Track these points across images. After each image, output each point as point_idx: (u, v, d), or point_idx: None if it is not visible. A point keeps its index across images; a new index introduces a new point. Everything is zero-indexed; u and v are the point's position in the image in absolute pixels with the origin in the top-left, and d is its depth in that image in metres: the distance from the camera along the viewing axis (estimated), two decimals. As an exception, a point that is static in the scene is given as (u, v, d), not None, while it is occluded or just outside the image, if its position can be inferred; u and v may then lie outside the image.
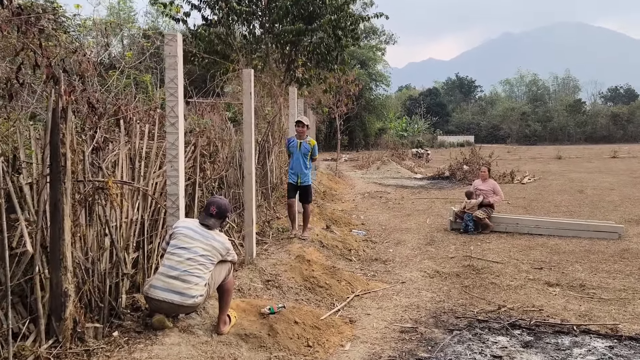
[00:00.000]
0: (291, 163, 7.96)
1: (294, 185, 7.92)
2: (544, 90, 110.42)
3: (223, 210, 4.31)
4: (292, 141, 7.95)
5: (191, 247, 4.06)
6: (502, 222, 9.91)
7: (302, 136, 7.81)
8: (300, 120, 7.84)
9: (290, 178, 7.96)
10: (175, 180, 4.56)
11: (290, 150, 7.93)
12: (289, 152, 8.02)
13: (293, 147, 7.88)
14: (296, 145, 7.84)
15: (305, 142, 7.83)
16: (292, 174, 7.94)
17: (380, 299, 5.90)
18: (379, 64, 56.34)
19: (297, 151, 7.83)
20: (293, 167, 7.91)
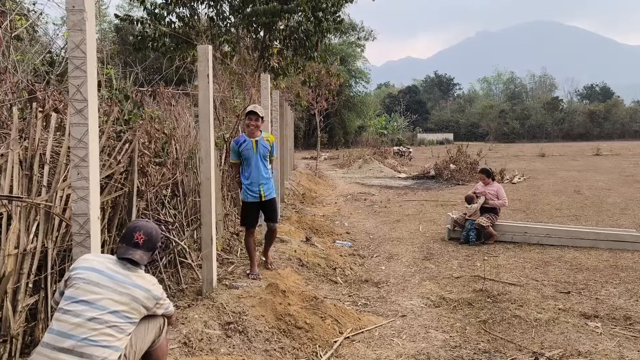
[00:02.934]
0: (246, 172, 5.78)
1: (256, 203, 5.80)
2: (522, 88, 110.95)
3: (154, 238, 2.89)
4: (244, 141, 5.75)
5: (97, 300, 2.62)
6: (508, 230, 8.63)
7: (255, 133, 5.74)
8: (252, 110, 5.69)
9: (247, 195, 5.79)
10: (84, 193, 3.10)
11: (244, 154, 5.73)
12: (239, 159, 5.82)
13: (247, 150, 5.71)
14: (251, 147, 5.72)
15: (262, 139, 5.78)
16: (250, 189, 5.76)
17: (377, 344, 4.51)
18: (358, 61, 55.20)
19: (254, 154, 5.72)
20: (250, 177, 5.74)
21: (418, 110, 78.19)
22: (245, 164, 5.79)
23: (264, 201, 5.82)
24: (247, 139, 5.75)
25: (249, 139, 5.75)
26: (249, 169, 5.76)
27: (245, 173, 5.80)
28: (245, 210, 5.87)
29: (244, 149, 5.75)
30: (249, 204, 5.82)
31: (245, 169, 5.80)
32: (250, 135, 5.76)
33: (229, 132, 8.65)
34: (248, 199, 5.80)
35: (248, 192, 5.80)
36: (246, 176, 5.79)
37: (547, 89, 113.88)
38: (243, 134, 5.89)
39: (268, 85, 7.48)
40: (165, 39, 10.62)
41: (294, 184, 14.86)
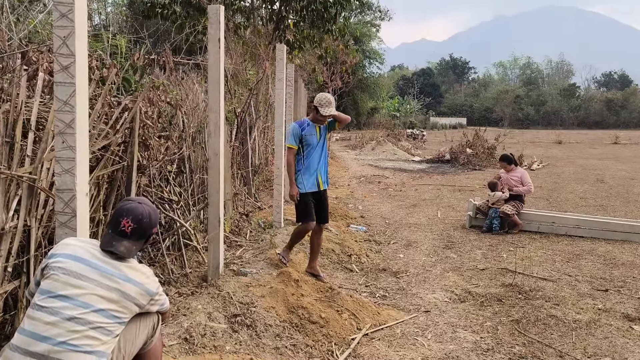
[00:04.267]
0: (305, 160, 5.20)
1: (313, 194, 5.22)
2: (538, 74, 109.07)
3: (145, 225, 2.41)
4: (307, 125, 5.19)
5: (78, 296, 2.17)
6: (534, 220, 8.11)
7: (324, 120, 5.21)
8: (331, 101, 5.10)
9: (306, 185, 5.17)
10: (70, 165, 2.64)
11: (306, 140, 5.16)
12: (298, 144, 5.18)
13: (311, 135, 5.17)
14: (315, 132, 5.19)
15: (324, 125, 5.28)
16: (310, 178, 5.19)
17: (400, 343, 4.06)
18: (373, 41, 54.05)
19: (318, 140, 5.21)
20: (310, 164, 5.19)
21: (432, 94, 76.99)
22: (305, 150, 5.19)
23: (321, 191, 5.28)
24: (310, 123, 5.20)
25: (313, 123, 5.20)
26: (310, 156, 5.19)
27: (305, 160, 5.20)
28: (303, 202, 5.16)
29: (307, 134, 5.15)
30: (307, 196, 5.18)
31: (304, 155, 5.20)
32: (314, 121, 5.21)
33: (241, 106, 8.16)
34: (306, 188, 5.17)
35: (306, 181, 5.18)
36: (305, 164, 5.19)
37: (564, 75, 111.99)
38: (306, 118, 5.32)
39: (284, 56, 6.95)
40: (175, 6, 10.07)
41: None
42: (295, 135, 5.16)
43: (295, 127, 5.20)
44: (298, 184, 5.18)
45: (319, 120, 5.17)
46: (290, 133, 5.20)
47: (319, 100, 5.12)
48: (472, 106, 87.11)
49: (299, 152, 5.21)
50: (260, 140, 9.72)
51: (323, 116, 5.10)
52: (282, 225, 6.82)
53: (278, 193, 6.91)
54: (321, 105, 5.07)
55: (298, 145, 5.17)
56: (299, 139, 5.15)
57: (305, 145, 5.19)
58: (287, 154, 5.26)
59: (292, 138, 5.18)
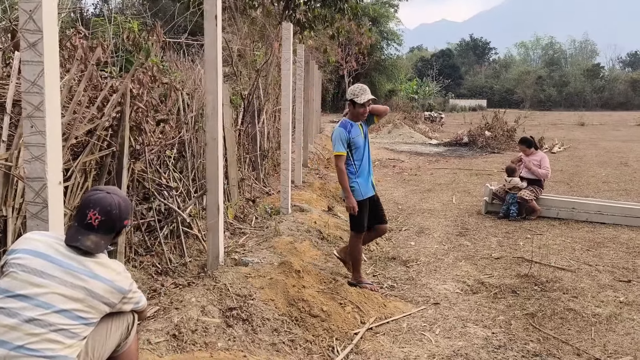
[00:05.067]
0: (356, 164, 4.71)
1: (369, 200, 4.79)
2: (561, 54, 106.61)
3: (114, 217, 2.19)
4: (352, 127, 4.67)
5: (39, 295, 1.97)
6: (553, 205, 7.77)
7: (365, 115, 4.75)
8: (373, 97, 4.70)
9: (363, 192, 4.70)
10: (39, 152, 2.44)
11: (354, 143, 4.65)
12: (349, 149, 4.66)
13: (357, 137, 4.68)
14: (360, 132, 4.73)
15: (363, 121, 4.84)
16: (365, 183, 4.74)
17: (405, 338, 3.83)
18: (391, 22, 53.18)
19: (364, 140, 4.78)
20: (361, 168, 4.73)
21: (451, 75, 75.66)
22: (355, 153, 4.70)
23: (375, 195, 4.90)
24: (353, 124, 4.71)
25: (355, 123, 4.73)
26: (360, 159, 4.73)
27: (357, 165, 4.72)
28: (360, 211, 4.69)
29: (354, 136, 4.66)
30: (365, 202, 4.73)
31: (354, 159, 4.71)
32: (355, 119, 4.74)
33: (248, 88, 7.93)
34: (364, 195, 4.70)
35: (363, 188, 4.71)
36: (358, 169, 4.72)
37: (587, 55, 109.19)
38: (345, 118, 4.79)
39: (290, 36, 6.67)
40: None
41: (319, 148, 14.14)
42: (343, 140, 4.62)
43: (341, 131, 4.64)
44: (354, 193, 4.66)
45: (360, 113, 4.67)
46: (338, 138, 4.64)
47: (352, 92, 4.68)
48: (493, 88, 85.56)
49: (349, 157, 4.68)
50: (271, 124, 9.48)
51: (362, 105, 4.62)
52: (289, 211, 6.60)
53: (285, 178, 6.68)
54: (356, 95, 4.61)
55: (347, 150, 4.66)
56: (348, 143, 4.64)
57: (354, 148, 4.68)
58: (338, 162, 4.67)
59: (340, 144, 4.63)
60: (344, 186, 4.67)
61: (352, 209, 4.64)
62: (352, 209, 4.63)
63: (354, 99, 4.63)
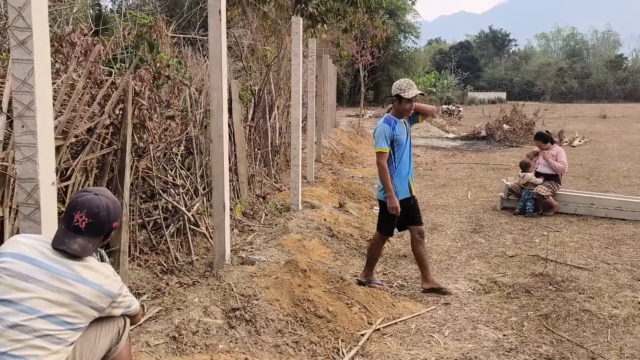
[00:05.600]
0: (396, 163, 4.50)
1: (407, 200, 4.59)
2: (583, 45, 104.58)
3: (102, 219, 2.12)
4: (396, 124, 4.47)
5: (23, 300, 1.92)
6: (571, 201, 7.57)
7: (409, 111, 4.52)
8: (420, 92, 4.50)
9: (399, 192, 4.51)
10: (31, 152, 2.39)
11: (397, 140, 4.46)
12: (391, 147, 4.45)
13: (401, 134, 4.47)
14: (403, 130, 4.52)
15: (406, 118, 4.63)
16: (403, 184, 4.55)
17: (413, 340, 3.73)
18: (408, 14, 52.66)
19: (407, 138, 4.57)
20: (402, 168, 4.53)
21: (470, 68, 74.68)
22: (396, 152, 4.49)
23: (413, 196, 4.68)
24: (397, 120, 4.49)
25: (399, 120, 4.51)
26: (401, 158, 4.51)
27: (396, 164, 4.49)
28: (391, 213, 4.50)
29: (398, 134, 4.45)
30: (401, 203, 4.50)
31: (395, 158, 4.49)
32: (399, 116, 4.52)
33: (259, 83, 7.85)
34: (399, 196, 4.49)
35: (399, 188, 4.51)
36: (397, 167, 4.49)
37: (610, 46, 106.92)
38: (388, 114, 4.58)
39: (300, 30, 6.57)
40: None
41: (333, 143, 14.02)
42: (387, 137, 4.40)
43: (385, 127, 4.43)
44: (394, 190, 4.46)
45: (406, 109, 4.44)
46: (381, 135, 4.41)
47: (398, 86, 4.44)
48: (512, 80, 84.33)
49: (390, 155, 4.47)
50: (283, 119, 9.41)
51: (409, 101, 4.39)
52: (299, 208, 6.53)
53: (295, 174, 6.61)
54: (403, 90, 4.38)
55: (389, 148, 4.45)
56: (390, 140, 4.43)
57: (396, 146, 4.48)
58: (380, 160, 4.44)
59: (383, 141, 4.40)
60: (386, 185, 4.45)
61: (394, 209, 4.43)
62: (394, 209, 4.42)
63: (400, 94, 4.40)
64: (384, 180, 4.48)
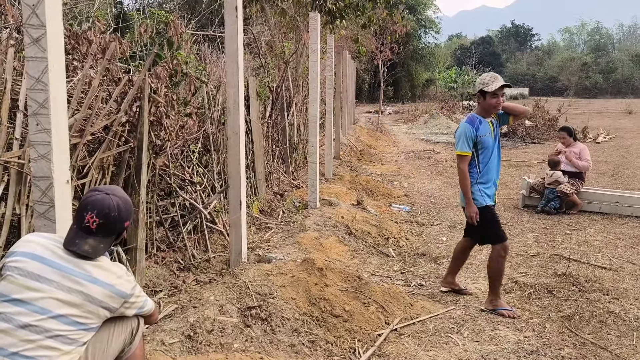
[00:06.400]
0: (481, 167, 4.14)
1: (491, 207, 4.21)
2: (608, 39, 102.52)
3: (112, 220, 2.10)
4: (480, 124, 4.10)
5: (35, 300, 1.91)
6: (595, 199, 7.40)
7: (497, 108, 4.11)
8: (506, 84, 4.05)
9: (486, 197, 4.15)
10: (45, 150, 2.39)
11: (481, 142, 4.08)
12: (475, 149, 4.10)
13: (486, 136, 4.09)
14: (489, 130, 4.13)
15: (494, 119, 4.21)
16: (489, 189, 4.18)
17: (431, 341, 3.67)
18: (428, 9, 52.19)
19: (493, 141, 4.16)
20: (487, 172, 4.15)
21: (491, 63, 73.75)
22: (480, 154, 4.11)
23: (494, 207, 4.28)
24: (482, 120, 4.11)
25: (484, 119, 4.13)
26: (487, 161, 4.12)
27: (481, 167, 4.12)
28: (491, 218, 4.17)
29: (482, 134, 4.06)
30: (487, 207, 4.15)
31: (479, 161, 4.12)
32: (485, 114, 4.15)
33: (277, 80, 7.82)
34: (487, 201, 4.14)
35: (485, 194, 4.14)
36: (481, 172, 4.13)
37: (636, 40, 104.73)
38: (473, 113, 4.21)
39: (318, 26, 6.52)
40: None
41: (352, 139, 13.96)
42: (468, 138, 4.05)
43: (467, 128, 4.07)
44: (476, 198, 4.12)
45: (492, 105, 4.05)
46: (462, 136, 4.07)
47: (481, 81, 4.10)
48: (535, 75, 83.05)
49: (472, 159, 4.12)
50: (301, 116, 9.37)
51: (494, 94, 4.01)
52: (317, 205, 6.49)
53: (313, 172, 6.57)
54: (486, 84, 4.03)
55: (472, 150, 4.10)
56: (473, 142, 4.08)
57: (480, 148, 4.10)
58: (459, 163, 4.13)
59: (464, 143, 4.06)
60: (465, 191, 4.13)
61: (472, 218, 4.12)
62: (472, 217, 4.11)
63: (484, 89, 4.04)
64: (462, 187, 4.15)
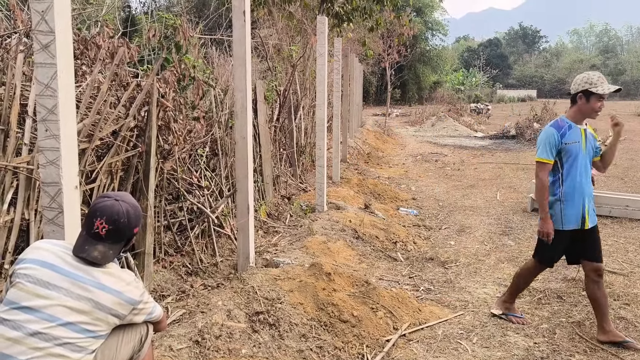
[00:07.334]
0: (565, 179, 3.65)
1: (571, 233, 3.70)
2: (616, 41, 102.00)
3: (122, 226, 2.09)
4: (570, 129, 3.62)
5: (44, 307, 1.91)
6: (605, 202, 7.34)
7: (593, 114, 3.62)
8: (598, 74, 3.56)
9: (565, 220, 3.66)
10: (54, 156, 2.39)
11: (566, 150, 3.60)
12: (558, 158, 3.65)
13: (574, 143, 3.60)
14: (580, 138, 3.62)
15: (588, 130, 3.69)
16: (573, 209, 3.65)
17: (440, 347, 3.64)
18: (435, 11, 52.09)
19: (583, 152, 3.64)
20: (571, 186, 3.63)
21: (499, 65, 73.51)
22: (564, 165, 3.64)
23: (586, 230, 3.70)
24: (573, 126, 3.62)
25: (577, 125, 3.65)
26: (572, 174, 3.62)
27: (564, 181, 3.64)
28: (555, 241, 3.68)
29: (569, 142, 3.58)
30: (565, 234, 3.68)
31: (563, 174, 3.65)
32: (579, 119, 3.66)
33: (284, 84, 7.82)
34: (565, 225, 3.65)
35: (566, 214, 3.64)
36: (564, 186, 3.64)
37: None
38: (563, 116, 3.73)
39: (325, 29, 6.52)
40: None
41: (359, 142, 13.94)
42: (551, 145, 3.60)
43: (551, 133, 3.61)
44: (553, 218, 3.66)
45: (594, 110, 3.56)
46: (544, 141, 3.63)
47: (587, 79, 3.55)
48: (543, 77, 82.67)
49: (555, 169, 3.67)
50: (309, 119, 9.37)
51: (601, 97, 3.53)
52: (324, 209, 6.48)
53: (320, 175, 6.56)
54: (594, 84, 3.51)
55: (554, 158, 3.64)
56: (557, 150, 3.63)
57: (564, 157, 3.62)
58: (538, 171, 3.70)
59: (546, 149, 3.62)
60: (540, 203, 3.70)
61: (544, 235, 3.69)
62: (544, 234, 3.68)
63: (590, 89, 3.52)
64: (539, 198, 3.72)
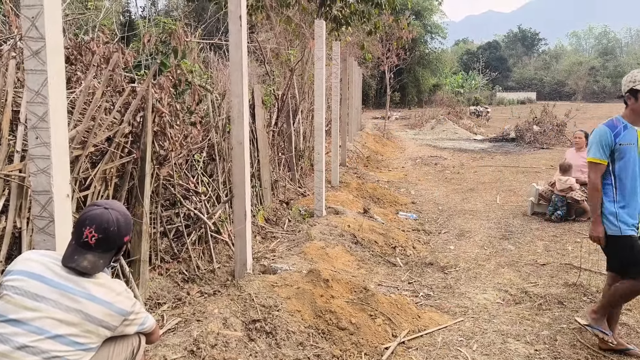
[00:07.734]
0: (620, 184, 3.44)
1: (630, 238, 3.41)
2: (616, 43, 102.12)
3: (112, 235, 2.05)
4: (625, 129, 3.42)
5: (32, 320, 1.86)
6: (606, 206, 7.27)
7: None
8: None
9: (624, 223, 3.40)
10: (45, 164, 2.35)
11: (620, 151, 3.41)
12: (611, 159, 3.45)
13: (629, 145, 3.40)
14: (636, 140, 3.42)
15: None
16: (631, 212, 3.43)
17: (440, 354, 3.59)
18: (435, 15, 52.15)
19: (639, 155, 3.45)
20: (626, 192, 3.42)
21: (498, 68, 73.53)
22: (616, 166, 3.44)
23: None
24: (628, 126, 3.42)
25: (633, 127, 3.43)
26: (628, 177, 3.41)
27: (618, 184, 3.43)
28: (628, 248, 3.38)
29: (623, 142, 3.38)
30: (625, 239, 3.40)
31: (616, 176, 3.45)
32: (635, 120, 3.44)
33: (282, 88, 7.79)
34: (623, 230, 3.38)
35: (624, 218, 3.39)
36: (614, 189, 3.44)
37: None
38: (618, 116, 3.53)
39: (323, 33, 6.49)
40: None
41: (358, 146, 13.90)
42: (605, 145, 3.41)
43: (604, 132, 3.43)
44: (609, 222, 3.42)
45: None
46: (596, 141, 3.45)
47: (632, 78, 3.41)
48: (543, 80, 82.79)
49: (607, 171, 3.46)
50: (307, 123, 9.33)
51: None
52: (323, 213, 6.43)
53: (319, 180, 6.52)
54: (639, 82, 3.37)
55: (607, 158, 3.45)
56: (610, 150, 3.43)
57: (618, 159, 3.42)
58: (590, 172, 3.51)
59: (598, 149, 3.43)
60: (592, 205, 3.56)
61: (594, 239, 3.52)
62: (595, 239, 3.50)
63: (635, 87, 3.37)
64: (591, 200, 3.58)
